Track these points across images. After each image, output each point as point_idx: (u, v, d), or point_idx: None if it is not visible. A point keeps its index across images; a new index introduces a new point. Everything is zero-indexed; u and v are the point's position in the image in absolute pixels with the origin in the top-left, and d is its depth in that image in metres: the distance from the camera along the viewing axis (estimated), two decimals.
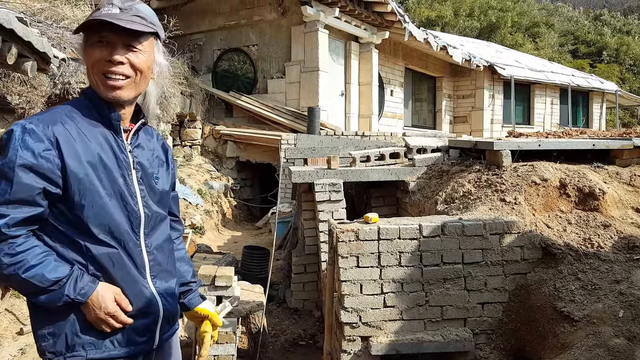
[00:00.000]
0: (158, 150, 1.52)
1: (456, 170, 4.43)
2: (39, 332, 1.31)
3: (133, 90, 1.37)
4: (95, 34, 1.31)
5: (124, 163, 1.36)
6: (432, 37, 11.96)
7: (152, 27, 1.35)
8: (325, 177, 4.68)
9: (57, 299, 1.25)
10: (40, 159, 1.23)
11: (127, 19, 1.29)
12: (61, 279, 1.25)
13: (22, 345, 3.51)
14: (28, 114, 4.72)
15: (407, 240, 3.10)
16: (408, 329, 3.08)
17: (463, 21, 27.17)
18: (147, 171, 1.43)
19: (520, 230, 3.26)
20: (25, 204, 1.22)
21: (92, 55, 1.31)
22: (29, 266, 1.22)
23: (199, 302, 1.61)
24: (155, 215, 1.43)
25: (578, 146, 4.27)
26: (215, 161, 9.85)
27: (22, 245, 1.23)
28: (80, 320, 1.30)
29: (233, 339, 3.53)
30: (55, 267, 1.25)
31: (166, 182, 1.51)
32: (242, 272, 5.38)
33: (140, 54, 1.34)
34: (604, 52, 29.51)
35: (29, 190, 1.22)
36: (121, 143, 1.38)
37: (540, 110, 15.89)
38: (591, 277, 3.03)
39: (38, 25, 5.25)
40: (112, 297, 1.31)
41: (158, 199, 1.45)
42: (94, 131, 1.34)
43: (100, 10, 1.30)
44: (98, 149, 1.32)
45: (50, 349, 1.29)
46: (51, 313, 1.30)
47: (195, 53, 10.89)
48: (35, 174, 1.22)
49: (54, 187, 1.25)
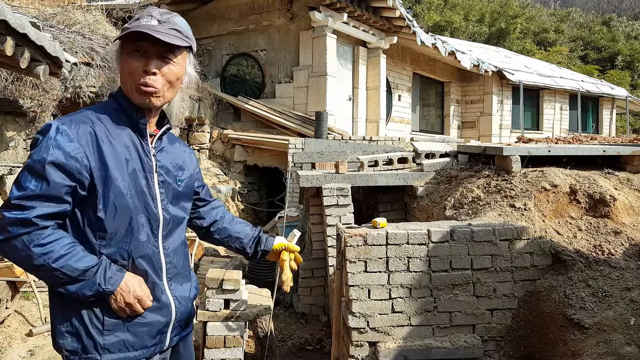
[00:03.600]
0: (181, 153, 1.57)
1: (465, 176, 4.41)
2: (58, 330, 1.35)
3: (163, 99, 1.42)
4: (132, 43, 1.36)
5: (147, 166, 1.41)
6: (440, 42, 11.95)
7: (187, 41, 1.41)
8: (333, 182, 4.67)
9: (88, 289, 1.29)
10: (70, 159, 1.27)
11: (165, 32, 1.35)
12: (90, 268, 1.29)
13: (31, 347, 3.53)
14: (39, 118, 4.77)
15: (416, 246, 3.09)
16: (416, 334, 3.06)
17: (472, 26, 27.15)
18: (168, 175, 1.47)
19: (530, 236, 3.23)
20: (53, 200, 1.27)
21: (129, 63, 1.36)
22: (58, 256, 1.26)
23: (272, 242, 1.77)
24: (173, 219, 1.46)
25: (588, 152, 4.24)
26: (223, 165, 9.88)
27: (50, 236, 1.26)
28: (97, 323, 1.33)
29: (240, 342, 3.53)
30: (83, 256, 1.29)
31: (190, 183, 1.56)
32: (250, 276, 5.39)
33: (173, 66, 1.40)
34: (618, 58, 29.31)
35: (58, 187, 1.26)
36: (146, 146, 1.42)
37: (549, 115, 15.79)
38: (602, 284, 3.00)
39: (50, 29, 5.32)
40: (139, 283, 1.36)
41: (177, 202, 1.49)
42: (121, 134, 1.38)
43: (140, 21, 1.35)
44: (124, 151, 1.36)
45: (67, 347, 1.33)
46: (71, 313, 1.33)
47: (204, 57, 10.96)
48: (64, 173, 1.27)
49: (81, 186, 1.30)
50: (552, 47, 29.56)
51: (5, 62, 2.93)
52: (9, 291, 3.71)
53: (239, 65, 10.87)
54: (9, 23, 2.51)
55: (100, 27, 6.62)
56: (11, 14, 2.53)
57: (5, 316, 3.66)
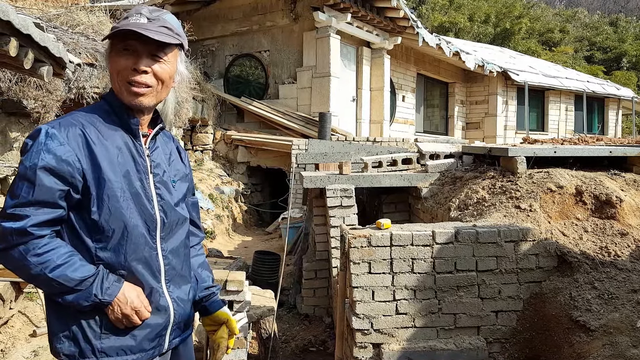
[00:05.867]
0: (175, 154, 1.53)
1: (470, 177, 4.39)
2: (55, 334, 1.33)
3: (154, 98, 1.39)
4: (121, 42, 1.33)
5: (142, 167, 1.38)
6: (444, 43, 11.92)
7: (177, 39, 1.38)
8: (336, 183, 4.66)
9: (85, 299, 1.27)
10: (61, 163, 1.25)
11: (155, 30, 1.32)
12: (86, 279, 1.27)
13: (35, 347, 3.53)
14: (43, 118, 4.78)
15: (420, 247, 3.07)
16: (420, 336, 3.04)
17: (477, 27, 27.10)
18: (164, 175, 1.44)
19: (536, 237, 3.21)
20: (47, 205, 1.25)
21: (117, 62, 1.34)
22: (54, 266, 1.24)
23: (221, 306, 1.62)
24: (172, 220, 1.43)
25: (594, 153, 4.21)
26: (226, 166, 9.88)
27: (47, 245, 1.25)
28: (95, 327, 1.32)
29: (244, 344, 3.52)
30: (80, 266, 1.27)
31: (184, 184, 1.52)
32: (253, 277, 5.38)
33: (164, 64, 1.37)
34: (624, 59, 29.14)
35: (51, 192, 1.25)
36: (139, 147, 1.39)
37: (554, 116, 15.73)
38: (608, 286, 2.97)
39: (54, 30, 5.33)
40: (137, 294, 1.34)
41: (176, 202, 1.46)
42: (113, 135, 1.36)
43: (129, 19, 1.33)
44: (117, 152, 1.34)
45: (64, 351, 1.31)
46: (68, 317, 1.31)
47: (207, 58, 10.97)
48: (57, 177, 1.25)
49: (74, 190, 1.28)
50: (557, 47, 29.45)
51: (9, 63, 2.94)
52: (12, 292, 3.71)
53: (243, 66, 10.88)
54: (13, 24, 2.51)
55: (103, 28, 6.63)
56: (15, 14, 2.53)
57: (9, 317, 3.67)
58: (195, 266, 1.60)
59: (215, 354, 1.58)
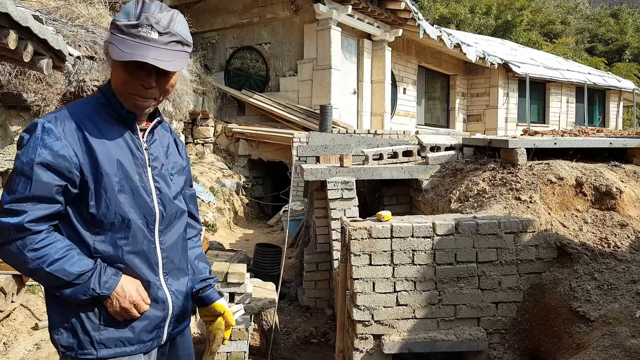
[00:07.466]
0: (172, 146, 1.53)
1: (470, 169, 4.39)
2: (54, 326, 1.34)
3: (155, 105, 1.40)
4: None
5: (140, 160, 1.37)
6: (445, 35, 11.86)
7: (187, 52, 1.35)
8: (337, 175, 4.66)
9: (83, 293, 1.28)
10: (58, 158, 1.25)
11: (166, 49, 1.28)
12: (84, 273, 1.27)
13: (37, 340, 3.55)
14: (43, 112, 4.78)
15: (421, 239, 3.08)
16: (421, 327, 3.06)
17: (479, 19, 26.95)
18: (162, 168, 1.43)
19: (536, 229, 3.21)
20: (44, 201, 1.25)
21: (124, 73, 1.30)
22: (52, 260, 1.25)
23: (217, 298, 1.61)
24: (171, 212, 1.43)
25: (595, 144, 4.20)
26: (227, 159, 9.88)
27: (44, 240, 1.25)
28: (93, 319, 1.32)
29: (245, 335, 3.54)
30: (78, 260, 1.28)
31: (181, 177, 1.52)
32: (254, 270, 5.40)
33: (171, 79, 1.36)
34: (626, 51, 28.96)
35: (48, 187, 1.24)
36: (137, 141, 1.39)
37: (555, 108, 15.68)
38: (607, 277, 2.98)
39: (53, 23, 5.31)
40: (135, 287, 1.34)
41: (174, 195, 1.45)
42: (110, 129, 1.35)
43: (139, 29, 1.26)
44: (114, 146, 1.33)
45: (63, 342, 1.32)
46: (66, 309, 1.32)
47: (207, 51, 10.93)
48: (53, 172, 1.25)
49: (72, 184, 1.27)
50: (558, 39, 29.29)
51: (9, 56, 2.93)
52: (14, 285, 3.72)
53: (243, 58, 10.84)
54: (12, 16, 2.51)
55: (103, 20, 6.61)
56: (14, 7, 2.52)
57: (11, 310, 3.68)
58: (192, 258, 1.60)
59: (211, 345, 1.59)
